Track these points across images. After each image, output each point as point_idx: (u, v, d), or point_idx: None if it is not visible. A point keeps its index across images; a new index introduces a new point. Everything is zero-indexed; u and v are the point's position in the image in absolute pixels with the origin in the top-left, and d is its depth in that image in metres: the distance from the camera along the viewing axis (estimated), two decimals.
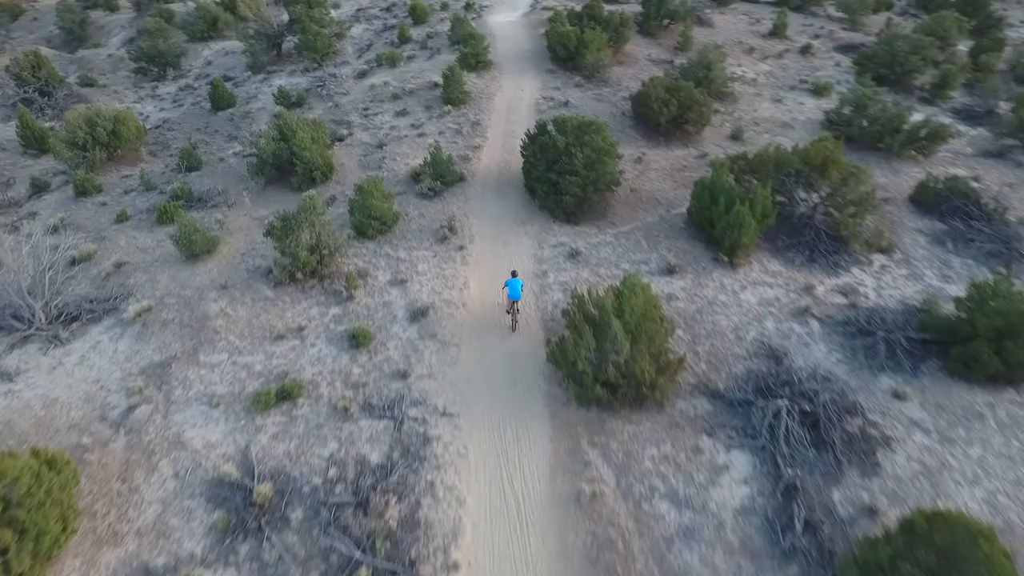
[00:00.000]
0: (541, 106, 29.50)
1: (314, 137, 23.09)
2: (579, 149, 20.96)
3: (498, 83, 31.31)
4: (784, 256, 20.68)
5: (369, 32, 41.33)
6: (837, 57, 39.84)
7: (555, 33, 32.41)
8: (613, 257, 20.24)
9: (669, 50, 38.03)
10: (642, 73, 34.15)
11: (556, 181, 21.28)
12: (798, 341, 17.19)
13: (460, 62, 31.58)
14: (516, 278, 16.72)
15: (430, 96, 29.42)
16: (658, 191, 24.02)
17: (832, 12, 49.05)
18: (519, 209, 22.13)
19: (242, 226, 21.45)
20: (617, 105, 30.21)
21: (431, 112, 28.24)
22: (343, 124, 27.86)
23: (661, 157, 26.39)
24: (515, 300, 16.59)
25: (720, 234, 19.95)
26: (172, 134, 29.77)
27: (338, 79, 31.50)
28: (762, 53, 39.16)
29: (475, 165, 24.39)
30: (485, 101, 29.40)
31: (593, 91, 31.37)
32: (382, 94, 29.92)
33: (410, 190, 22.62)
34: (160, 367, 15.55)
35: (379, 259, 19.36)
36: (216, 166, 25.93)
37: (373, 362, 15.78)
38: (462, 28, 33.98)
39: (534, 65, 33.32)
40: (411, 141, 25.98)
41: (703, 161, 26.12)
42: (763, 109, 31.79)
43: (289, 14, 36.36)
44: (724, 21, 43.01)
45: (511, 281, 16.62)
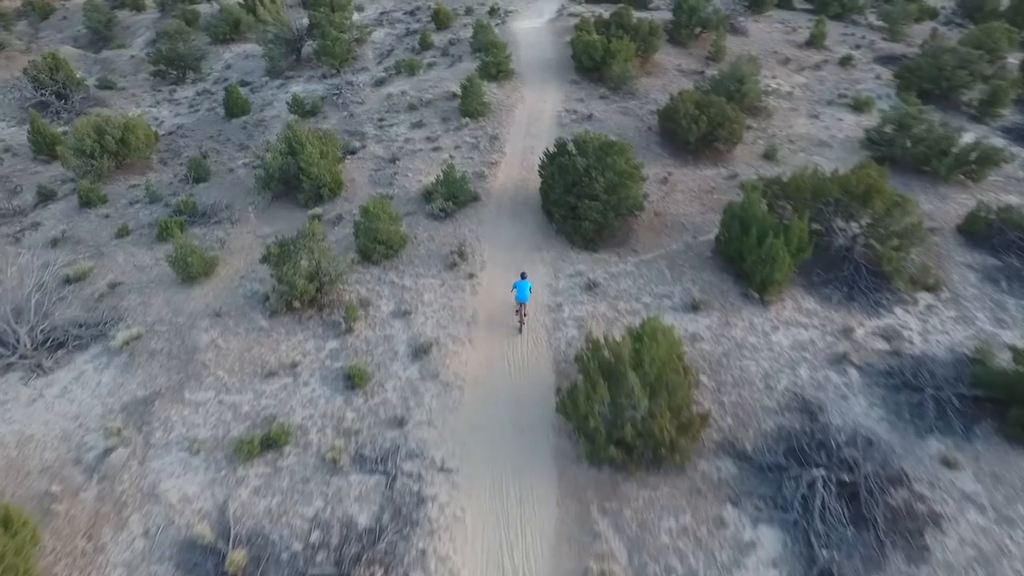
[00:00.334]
0: (563, 119, 28.00)
1: (323, 151, 21.91)
2: (600, 172, 19.47)
3: (519, 93, 29.88)
4: (820, 293, 18.96)
5: (391, 37, 40.17)
6: (878, 69, 37.71)
7: (580, 42, 30.88)
8: (634, 289, 18.71)
9: (700, 60, 36.25)
10: (671, 85, 32.48)
11: (575, 205, 19.81)
12: (835, 393, 15.53)
13: (481, 71, 30.21)
14: (525, 280, 16.68)
15: (448, 107, 28.10)
16: (684, 215, 22.40)
17: (873, 21, 46.75)
18: (535, 233, 20.70)
19: (244, 245, 20.34)
20: (643, 119, 28.58)
21: (448, 124, 26.92)
22: (356, 135, 26.68)
23: (688, 177, 24.75)
24: (523, 302, 16.50)
25: (751, 268, 18.31)
26: (185, 141, 28.88)
27: (355, 87, 30.34)
28: (798, 64, 37.19)
29: (491, 183, 23.01)
30: (505, 113, 27.99)
31: (619, 104, 29.78)
32: (399, 104, 28.68)
33: (420, 210, 21.31)
34: (143, 404, 14.44)
35: (383, 287, 18.08)
36: (224, 177, 24.92)
37: (369, 405, 14.49)
38: (484, 35, 32.61)
39: (558, 75, 31.82)
40: (425, 156, 24.68)
41: (733, 183, 24.42)
42: (799, 125, 29.92)
43: (309, 18, 35.31)
44: (758, 29, 41.03)
45: (519, 283, 16.53)
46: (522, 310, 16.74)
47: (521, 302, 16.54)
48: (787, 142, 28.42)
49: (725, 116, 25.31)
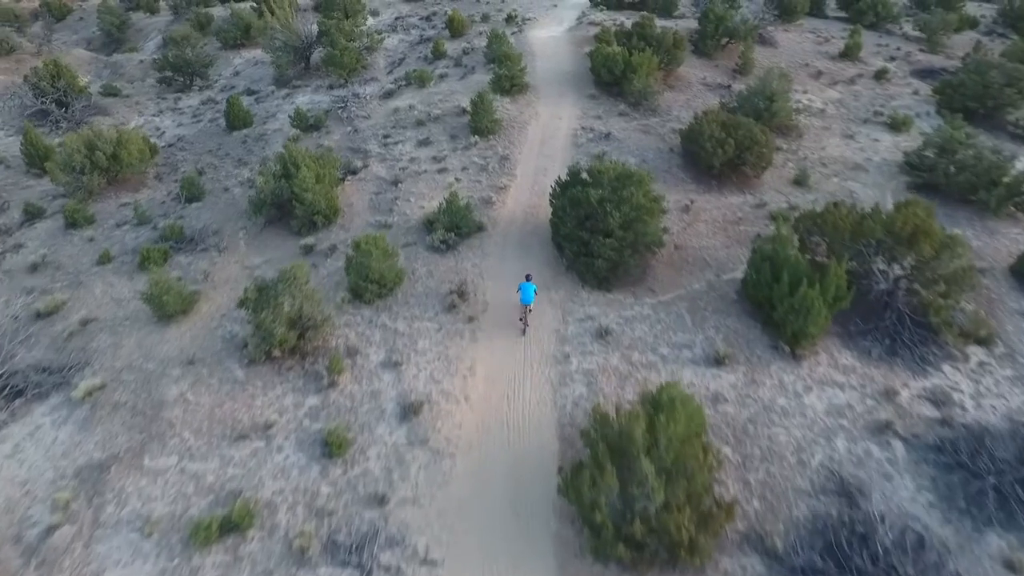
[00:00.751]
0: (579, 138, 26.08)
1: (320, 175, 20.24)
2: (615, 206, 17.56)
3: (533, 109, 27.99)
4: (858, 345, 16.91)
5: (404, 44, 38.47)
6: (915, 84, 35.26)
7: (599, 55, 28.91)
8: (650, 337, 16.80)
9: (726, 73, 34.07)
10: (695, 100, 30.40)
11: (587, 241, 17.92)
12: (878, 472, 13.53)
13: (494, 85, 28.38)
14: (530, 282, 16.48)
15: (457, 123, 26.31)
16: (707, 249, 20.42)
17: (909, 31, 44.12)
18: (543, 269, 18.84)
19: (230, 277, 18.74)
20: (665, 139, 26.55)
21: (456, 143, 25.12)
22: (359, 153, 24.99)
23: (712, 205, 22.72)
24: (527, 304, 16.33)
25: (782, 318, 16.31)
26: (183, 155, 27.42)
27: (361, 100, 28.66)
28: (831, 78, 34.88)
29: (498, 210, 21.18)
30: (517, 131, 26.13)
31: (639, 121, 27.78)
32: (406, 119, 26.94)
33: (421, 240, 19.56)
34: (98, 470, 12.87)
35: (374, 331, 16.35)
36: (219, 197, 23.38)
37: (347, 478, 12.78)
38: (498, 46, 30.75)
39: (575, 89, 29.87)
40: (430, 178, 22.92)
41: (762, 212, 22.36)
42: (832, 146, 27.72)
43: (318, 26, 33.72)
44: (788, 40, 38.70)
45: (524, 285, 16.34)
46: (526, 312, 16.55)
47: (525, 304, 16.31)
48: (819, 165, 26.26)
49: (753, 139, 23.22)
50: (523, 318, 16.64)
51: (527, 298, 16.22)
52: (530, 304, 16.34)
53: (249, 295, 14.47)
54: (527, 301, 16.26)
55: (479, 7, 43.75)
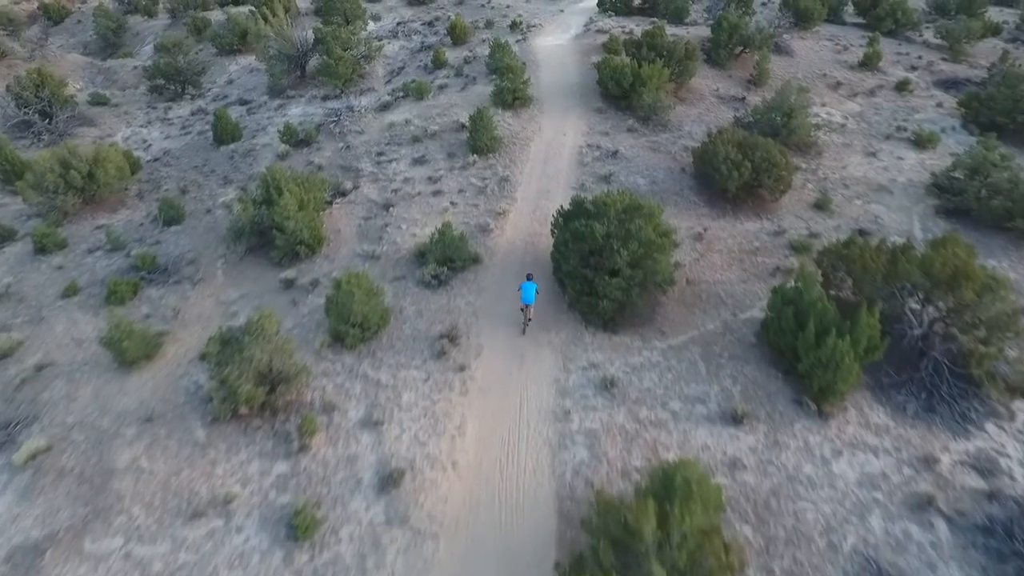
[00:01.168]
0: (585, 156, 24.31)
1: (304, 200, 18.58)
2: (623, 243, 15.80)
3: (537, 124, 26.23)
4: (891, 400, 15.14)
5: (405, 51, 36.75)
6: (939, 96, 33.31)
7: (607, 67, 27.11)
8: (660, 389, 15.06)
9: (740, 84, 32.19)
10: (708, 114, 28.57)
11: (592, 280, 16.18)
12: (921, 559, 11.77)
13: (495, 98, 26.64)
14: (531, 281, 16.26)
15: (455, 140, 24.58)
16: (722, 283, 18.65)
17: (929, 38, 42.06)
18: (544, 306, 17.12)
19: (202, 314, 17.11)
20: (676, 157, 24.74)
21: (454, 161, 23.41)
22: (351, 172, 23.32)
23: (727, 232, 20.93)
24: (528, 304, 16.07)
25: (807, 371, 14.53)
26: (168, 171, 25.83)
27: (355, 113, 26.97)
28: (850, 89, 32.96)
29: (496, 239, 19.46)
30: (519, 148, 24.39)
31: (648, 138, 25.97)
32: (401, 135, 25.23)
33: (410, 274, 17.87)
34: (33, 553, 11.25)
35: (354, 382, 14.67)
36: (200, 219, 21.77)
37: (314, 566, 11.12)
38: (501, 56, 28.99)
39: (581, 102, 28.08)
40: (424, 201, 21.22)
41: (780, 241, 20.56)
42: (853, 165, 25.85)
43: (314, 33, 32.05)
44: (805, 48, 36.74)
45: (524, 284, 16.11)
46: (527, 312, 16.25)
47: (526, 303, 16.06)
48: (841, 186, 24.41)
49: (772, 162, 21.39)
50: (524, 318, 16.37)
51: (528, 298, 15.94)
52: (531, 304, 16.02)
53: (211, 348, 12.82)
54: (528, 301, 15.98)
55: (483, 12, 41.98)
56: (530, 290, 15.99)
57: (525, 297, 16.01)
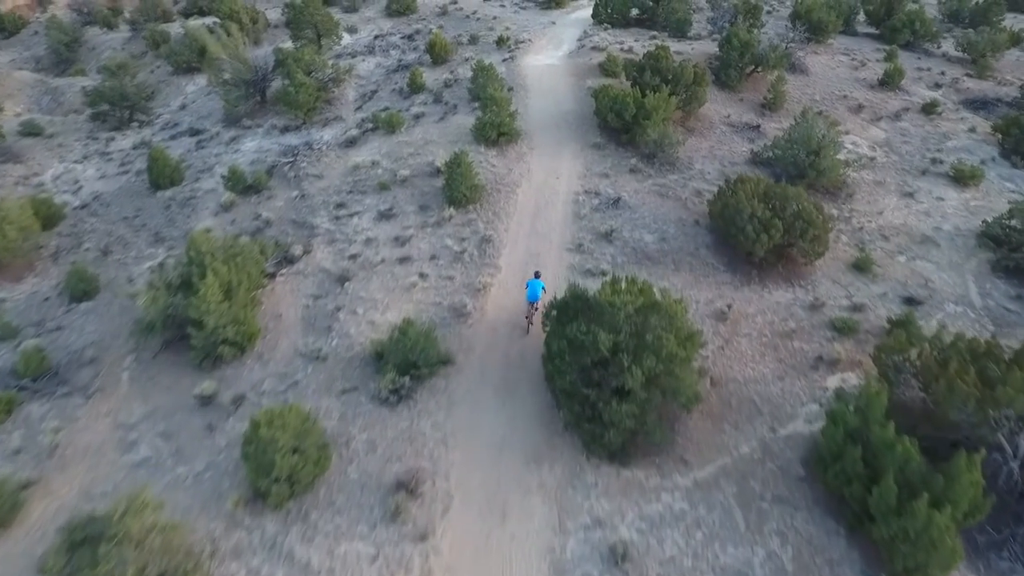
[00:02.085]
0: (582, 206, 20.22)
1: (234, 282, 14.42)
2: (636, 358, 11.73)
3: (525, 164, 22.11)
4: (991, 568, 11.15)
5: (380, 70, 32.48)
6: (969, 118, 29.38)
7: (606, 96, 22.98)
8: (687, 558, 11.14)
9: (753, 108, 28.13)
10: (720, 147, 24.50)
11: (595, 401, 12.13)
12: None
13: (477, 133, 22.48)
14: (538, 279, 15.13)
15: (429, 188, 20.43)
16: (755, 382, 14.69)
17: (949, 50, 38.05)
18: (533, 428, 13.11)
19: (91, 445, 12.96)
20: (688, 205, 20.69)
21: (426, 216, 19.28)
22: (304, 229, 19.16)
23: (755, 307, 16.93)
24: (533, 302, 14.88)
25: (888, 542, 10.51)
26: (95, 222, 21.59)
27: (315, 152, 22.76)
28: (873, 112, 28.98)
29: (474, 326, 15.40)
30: (504, 196, 20.28)
31: (655, 179, 21.89)
32: (366, 180, 21.06)
33: (364, 385, 13.77)
34: None
35: (275, 567, 10.54)
36: (118, 292, 17.55)
37: None
38: (484, 81, 24.80)
39: (576, 135, 23.97)
40: (388, 272, 17.10)
41: (819, 319, 16.62)
42: (890, 210, 21.91)
43: (275, 55, 27.75)
44: (820, 65, 32.68)
45: (531, 282, 15.03)
46: (532, 312, 15.03)
47: (532, 302, 14.91)
48: (879, 238, 20.45)
49: (808, 220, 17.38)
50: (528, 317, 15.21)
51: (534, 295, 14.86)
52: (537, 302, 14.88)
53: (53, 562, 8.67)
54: (534, 299, 14.88)
55: (468, 25, 37.72)
56: (536, 288, 14.87)
57: (531, 295, 14.85)
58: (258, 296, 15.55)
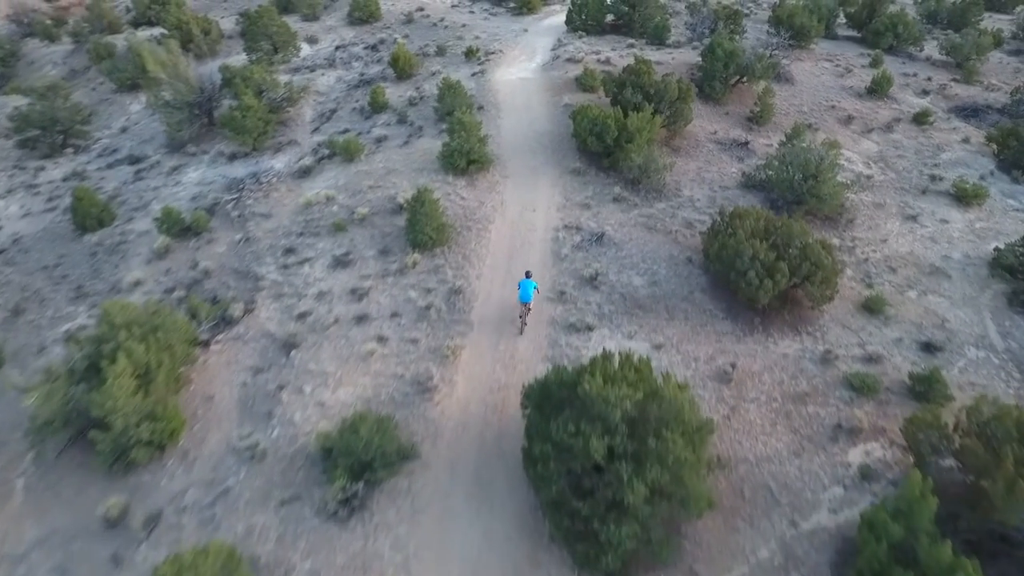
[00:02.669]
0: (562, 243, 17.88)
1: (152, 365, 11.80)
2: (637, 467, 9.41)
3: (498, 195, 19.71)
4: None
5: (341, 85, 29.77)
6: (961, 128, 27.66)
7: (584, 118, 20.63)
8: None
9: (740, 122, 26.02)
10: (709, 168, 22.33)
11: (588, 517, 9.79)
12: None
13: (444, 161, 20.01)
14: (530, 279, 14.54)
15: (391, 228, 17.92)
16: (768, 460, 12.54)
17: (933, 54, 36.38)
18: (513, 539, 10.74)
19: None
20: (679, 239, 18.46)
21: (387, 262, 16.78)
22: (247, 280, 16.54)
23: (760, 363, 14.76)
24: (525, 302, 14.35)
25: None
26: (10, 272, 18.71)
27: (264, 186, 20.09)
28: (863, 123, 27.09)
29: (443, 406, 12.97)
30: (475, 235, 17.85)
31: (641, 209, 19.63)
32: (320, 220, 18.48)
33: (308, 493, 11.26)
34: None
35: None
36: (26, 366, 14.79)
37: None
38: (452, 99, 22.32)
39: (553, 159, 21.61)
40: (342, 336, 14.59)
41: (832, 374, 14.57)
42: (894, 236, 19.95)
43: (221, 72, 24.89)
44: (805, 73, 30.71)
45: (523, 282, 14.48)
46: (525, 312, 14.69)
47: (524, 302, 14.50)
48: (886, 270, 18.46)
49: (816, 263, 15.23)
50: (522, 316, 14.82)
51: (526, 296, 14.42)
52: (529, 303, 14.51)
53: None
54: (526, 299, 14.45)
55: (435, 34, 35.06)
56: (528, 288, 14.42)
57: (523, 295, 14.43)
58: (186, 374, 12.92)
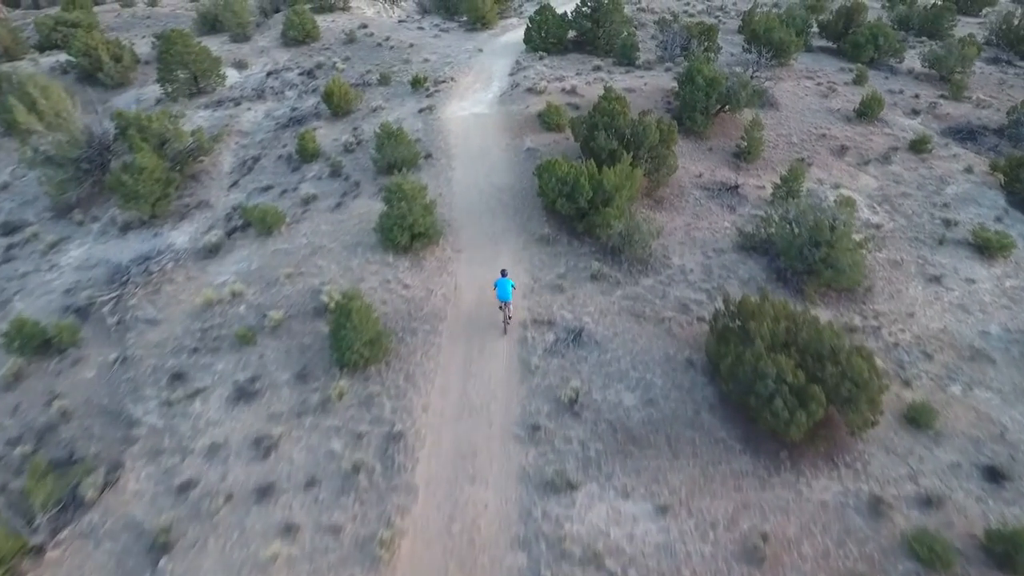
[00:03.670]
0: (532, 347, 13.86)
1: None
2: None
3: (450, 276, 15.58)
4: None
5: (270, 122, 25.16)
6: (961, 154, 24.69)
7: (552, 177, 16.55)
8: None
9: (726, 159, 22.40)
10: (698, 224, 18.59)
11: None
12: None
13: (382, 235, 15.75)
14: (506, 277, 13.96)
15: (312, 339, 13.63)
16: None
17: (915, 66, 33.36)
18: None
19: None
20: (673, 330, 14.63)
21: (305, 390, 12.52)
22: (117, 427, 12.11)
23: (796, 522, 11.01)
24: (505, 301, 13.83)
25: None
26: None
27: (154, 276, 15.51)
28: (859, 153, 23.79)
29: None
30: (421, 342, 13.70)
31: (625, 289, 15.72)
32: (222, 327, 14.08)
33: None
34: None
35: None
36: None
37: None
38: (393, 152, 18.02)
39: (516, 222, 17.57)
40: (235, 529, 10.31)
41: (888, 533, 11.06)
42: (920, 306, 16.59)
43: (114, 120, 20.08)
44: (788, 94, 27.27)
45: (500, 281, 13.88)
46: (506, 309, 14.01)
47: (503, 301, 13.84)
48: (920, 356, 15.02)
49: (858, 381, 11.49)
50: (504, 316, 14.10)
51: (504, 295, 13.75)
52: (508, 301, 13.81)
53: None
54: (504, 298, 13.78)
55: (379, 56, 30.56)
56: (506, 286, 13.76)
57: (501, 294, 13.76)
58: None
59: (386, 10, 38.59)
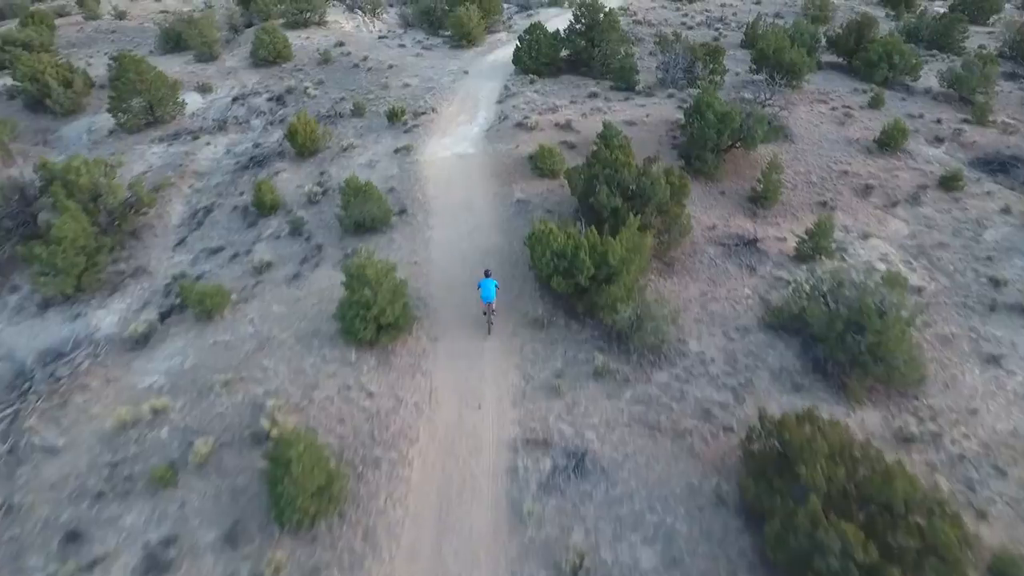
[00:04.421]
0: (523, 483, 10.96)
1: None
2: None
3: (424, 378, 12.60)
4: None
5: (230, 161, 22.05)
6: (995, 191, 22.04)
7: (546, 249, 13.58)
8: None
9: (740, 204, 19.59)
10: (716, 292, 15.70)
11: None
12: None
13: (346, 327, 12.74)
14: (490, 278, 13.33)
15: (247, 479, 10.64)
16: None
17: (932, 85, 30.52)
18: None
19: None
20: (695, 448, 11.75)
21: (234, 558, 9.59)
22: None
23: None
24: (488, 302, 13.22)
25: None
26: None
27: (63, 383, 12.45)
28: (885, 193, 21.01)
29: None
30: (386, 481, 10.77)
31: (636, 388, 12.81)
32: (138, 459, 11.07)
33: None
34: None
35: None
36: None
37: None
38: (361, 212, 14.98)
39: (504, 300, 14.61)
40: None
41: None
42: (981, 400, 13.79)
43: (37, 172, 16.94)
44: (802, 123, 24.36)
45: (483, 282, 13.26)
46: (489, 310, 13.42)
47: (486, 302, 13.22)
48: (991, 472, 12.31)
49: (938, 550, 8.63)
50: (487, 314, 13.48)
51: (488, 295, 13.12)
52: (491, 302, 13.19)
53: None
54: (488, 299, 13.16)
55: (354, 80, 27.43)
56: (489, 287, 13.07)
57: (485, 295, 13.08)
58: None
59: (366, 24, 35.35)
